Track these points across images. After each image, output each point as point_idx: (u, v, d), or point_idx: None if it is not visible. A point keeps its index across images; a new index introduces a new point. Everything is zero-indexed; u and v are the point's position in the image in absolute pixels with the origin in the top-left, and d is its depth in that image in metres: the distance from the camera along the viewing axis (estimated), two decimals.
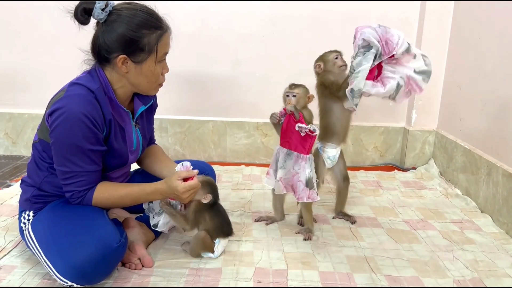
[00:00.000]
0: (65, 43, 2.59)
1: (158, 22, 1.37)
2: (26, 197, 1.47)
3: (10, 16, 2.58)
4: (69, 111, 1.28)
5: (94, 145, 1.34)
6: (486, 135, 2.05)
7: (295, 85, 1.65)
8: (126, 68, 1.36)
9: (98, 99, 1.34)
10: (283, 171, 1.65)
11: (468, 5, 2.29)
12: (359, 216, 1.91)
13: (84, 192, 1.37)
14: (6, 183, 2.23)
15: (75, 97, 1.31)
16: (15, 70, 2.67)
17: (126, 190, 1.42)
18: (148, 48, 1.35)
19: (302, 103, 1.64)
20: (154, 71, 1.40)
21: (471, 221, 1.88)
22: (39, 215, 1.43)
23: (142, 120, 1.56)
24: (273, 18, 2.55)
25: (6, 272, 1.41)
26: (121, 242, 1.31)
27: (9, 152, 2.76)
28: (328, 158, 1.80)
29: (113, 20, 1.33)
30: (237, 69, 2.62)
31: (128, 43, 1.33)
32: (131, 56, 1.35)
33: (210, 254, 1.51)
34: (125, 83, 1.41)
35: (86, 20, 1.34)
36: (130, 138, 1.49)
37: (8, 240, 1.61)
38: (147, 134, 1.62)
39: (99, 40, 1.35)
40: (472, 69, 2.21)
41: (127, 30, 1.32)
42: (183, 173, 1.39)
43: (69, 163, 1.33)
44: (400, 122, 2.70)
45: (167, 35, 1.40)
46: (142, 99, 1.52)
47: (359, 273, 1.46)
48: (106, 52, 1.35)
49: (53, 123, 1.30)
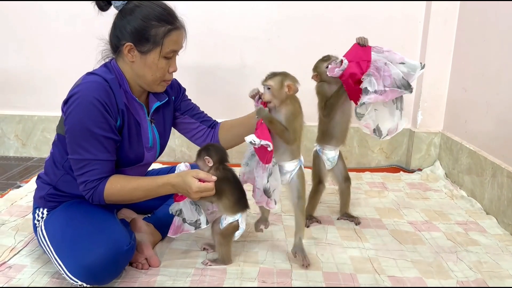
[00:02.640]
0: (74, 46, 2.64)
1: (171, 18, 1.40)
2: (41, 194, 1.50)
3: (20, 20, 2.63)
4: (82, 96, 1.32)
5: (107, 131, 1.35)
6: (491, 137, 2.05)
7: (270, 75, 1.43)
8: (132, 57, 1.40)
9: (112, 88, 1.38)
10: (247, 169, 1.52)
11: (473, 7, 2.29)
12: (363, 217, 1.92)
13: (97, 182, 1.36)
14: (17, 184, 2.27)
15: (90, 84, 1.35)
16: (25, 73, 2.71)
17: (138, 182, 1.41)
18: (154, 40, 1.37)
19: (280, 97, 1.40)
20: (158, 64, 1.41)
21: (475, 223, 1.89)
22: (52, 214, 1.46)
23: (158, 116, 1.57)
24: (278, 21, 2.57)
25: (16, 271, 1.44)
26: (130, 244, 1.34)
27: (19, 153, 2.81)
28: (327, 160, 1.80)
29: (128, 9, 1.38)
30: (243, 72, 2.64)
31: (136, 32, 1.37)
32: (137, 45, 1.38)
33: (238, 232, 1.47)
34: (133, 75, 1.44)
35: (106, 6, 1.42)
36: (145, 133, 1.50)
37: (18, 240, 1.64)
38: (166, 133, 1.61)
39: (114, 28, 1.41)
40: (477, 71, 2.21)
41: (137, 20, 1.37)
42: (203, 174, 1.36)
43: (82, 150, 1.34)
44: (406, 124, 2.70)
45: (178, 33, 1.42)
46: (156, 96, 1.54)
47: (363, 273, 1.47)
48: (117, 39, 1.40)
49: (68, 110, 1.34)
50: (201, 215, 1.48)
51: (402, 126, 1.62)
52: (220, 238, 1.48)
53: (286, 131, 1.41)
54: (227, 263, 1.50)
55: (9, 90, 2.75)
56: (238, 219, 1.46)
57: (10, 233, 1.70)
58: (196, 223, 1.48)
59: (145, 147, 1.51)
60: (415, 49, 2.59)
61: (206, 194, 1.37)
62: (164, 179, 1.39)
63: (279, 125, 1.40)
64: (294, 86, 1.40)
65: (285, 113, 1.42)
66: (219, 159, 1.43)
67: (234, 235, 1.48)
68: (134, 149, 1.47)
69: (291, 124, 1.42)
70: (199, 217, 1.47)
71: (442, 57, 2.50)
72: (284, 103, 1.42)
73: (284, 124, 1.41)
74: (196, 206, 1.47)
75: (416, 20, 2.55)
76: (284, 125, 1.41)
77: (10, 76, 2.73)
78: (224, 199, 1.44)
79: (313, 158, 1.83)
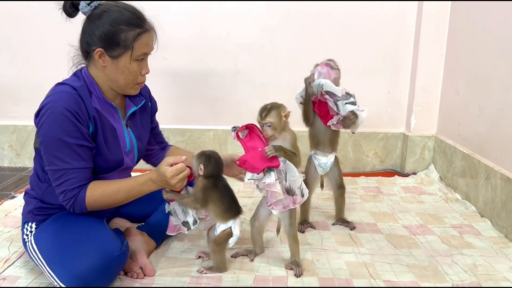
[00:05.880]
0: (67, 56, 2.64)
1: (140, 21, 1.40)
2: (29, 209, 1.50)
3: (12, 30, 2.63)
4: (52, 107, 1.32)
5: (79, 139, 1.34)
6: (484, 139, 2.07)
7: (265, 112, 1.48)
8: (103, 62, 1.40)
9: (81, 95, 1.37)
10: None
11: (464, 10, 2.31)
12: (359, 222, 1.93)
13: (76, 190, 1.36)
14: (11, 194, 2.26)
15: (59, 94, 1.35)
16: (19, 82, 2.71)
17: (119, 184, 1.41)
18: (125, 44, 1.37)
19: (280, 127, 1.49)
20: (130, 68, 1.41)
21: (470, 226, 1.89)
22: (41, 227, 1.46)
23: (135, 120, 1.57)
24: (271, 27, 2.58)
25: (10, 283, 1.43)
26: (122, 250, 1.34)
27: (13, 163, 2.80)
28: (319, 166, 1.82)
29: (96, 14, 1.38)
30: (237, 78, 2.65)
31: (105, 37, 1.37)
32: (107, 50, 1.38)
33: (232, 239, 1.47)
34: (105, 79, 1.44)
35: (73, 12, 1.42)
36: (122, 137, 1.50)
37: (13, 251, 1.63)
38: (143, 137, 1.61)
39: (83, 34, 1.41)
40: (469, 74, 2.23)
41: (106, 25, 1.36)
42: (170, 159, 1.37)
43: (57, 161, 1.34)
44: (400, 128, 2.72)
45: (147, 35, 1.42)
46: (133, 100, 1.55)
47: (358, 279, 1.47)
48: (87, 45, 1.41)
49: (39, 122, 1.34)
50: (188, 216, 1.48)
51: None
52: (214, 246, 1.48)
53: (295, 156, 1.48)
54: (223, 270, 1.50)
55: (3, 99, 2.75)
56: (231, 226, 1.46)
57: (4, 244, 1.69)
58: (186, 224, 1.49)
59: (123, 151, 1.51)
60: (407, 53, 2.61)
61: (183, 175, 1.36)
62: (144, 177, 1.40)
63: (289, 153, 1.47)
64: (289, 114, 1.50)
65: (289, 139, 1.50)
66: (211, 172, 1.43)
67: (228, 242, 1.48)
68: (112, 153, 1.46)
69: (296, 147, 1.51)
70: (186, 218, 1.48)
71: (434, 61, 2.52)
72: (283, 130, 1.50)
73: (290, 148, 1.48)
74: (182, 207, 1.48)
75: (408, 24, 2.57)
76: (291, 150, 1.48)
77: (3, 85, 2.72)
78: (212, 206, 1.44)
79: (307, 163, 1.87)
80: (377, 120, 2.68)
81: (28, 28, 2.63)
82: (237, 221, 1.48)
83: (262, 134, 1.48)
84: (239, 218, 1.49)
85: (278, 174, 1.42)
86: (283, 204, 1.47)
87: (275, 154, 1.41)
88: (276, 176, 1.41)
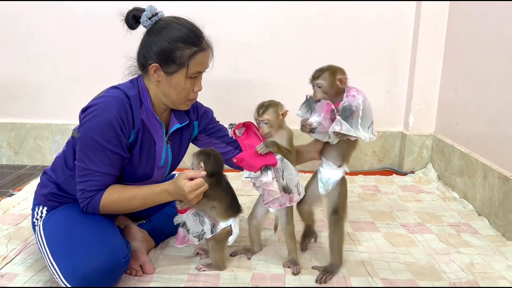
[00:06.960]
0: (66, 55, 2.64)
1: (197, 40, 1.41)
2: (44, 192, 1.49)
3: (12, 28, 2.63)
4: (100, 108, 1.33)
5: (115, 146, 1.35)
6: (482, 138, 2.07)
7: (263, 109, 1.45)
8: (157, 77, 1.40)
9: (132, 105, 1.38)
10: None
11: (463, 10, 2.32)
12: (357, 220, 1.93)
13: (94, 193, 1.37)
14: (9, 192, 2.26)
15: (111, 98, 1.36)
16: (17, 80, 2.71)
17: (135, 191, 1.41)
18: (180, 61, 1.38)
19: (277, 125, 1.46)
20: (184, 85, 1.41)
21: (468, 224, 1.90)
22: (52, 215, 1.45)
23: (176, 137, 1.56)
24: (270, 26, 2.59)
25: (8, 280, 1.43)
26: (127, 257, 1.35)
27: (12, 161, 2.80)
28: (320, 180, 1.51)
29: (156, 29, 1.39)
30: (236, 77, 2.65)
31: (162, 53, 1.37)
32: (163, 66, 1.38)
33: (232, 237, 1.48)
34: (158, 93, 1.44)
35: (135, 25, 1.42)
36: (159, 152, 1.50)
37: (11, 248, 1.63)
38: (180, 155, 1.60)
39: (141, 47, 1.42)
40: (467, 74, 2.24)
41: (164, 41, 1.37)
42: (190, 172, 1.37)
43: (87, 160, 1.35)
44: (398, 127, 2.72)
45: (203, 54, 1.42)
46: (178, 117, 1.53)
47: (356, 276, 1.48)
48: (144, 59, 1.41)
49: (84, 118, 1.35)
50: (205, 225, 1.46)
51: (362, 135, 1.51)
52: (214, 244, 1.48)
53: (290, 153, 1.47)
54: (221, 268, 1.50)
55: (1, 97, 2.74)
56: (231, 224, 1.46)
57: (3, 241, 1.69)
58: (200, 234, 1.47)
59: (156, 165, 1.50)
60: (406, 53, 2.61)
61: (200, 190, 1.35)
62: (160, 187, 1.40)
63: (284, 150, 1.45)
64: (287, 113, 1.47)
65: (286, 136, 1.48)
66: (212, 170, 1.42)
67: (228, 240, 1.48)
68: (143, 166, 1.47)
69: (292, 145, 1.50)
70: (203, 227, 1.46)
71: (432, 60, 2.53)
72: (280, 128, 1.48)
73: (286, 146, 1.47)
74: (199, 217, 1.46)
75: (407, 24, 2.58)
76: (286, 147, 1.46)
77: (1, 83, 2.72)
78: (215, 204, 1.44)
79: (311, 177, 1.59)
80: (375, 119, 2.68)
81: (27, 26, 2.62)
82: (237, 219, 1.49)
83: (259, 132, 1.49)
84: (238, 217, 1.50)
85: (275, 172, 1.42)
86: (280, 202, 1.46)
87: (267, 151, 1.40)
88: (273, 175, 1.41)
